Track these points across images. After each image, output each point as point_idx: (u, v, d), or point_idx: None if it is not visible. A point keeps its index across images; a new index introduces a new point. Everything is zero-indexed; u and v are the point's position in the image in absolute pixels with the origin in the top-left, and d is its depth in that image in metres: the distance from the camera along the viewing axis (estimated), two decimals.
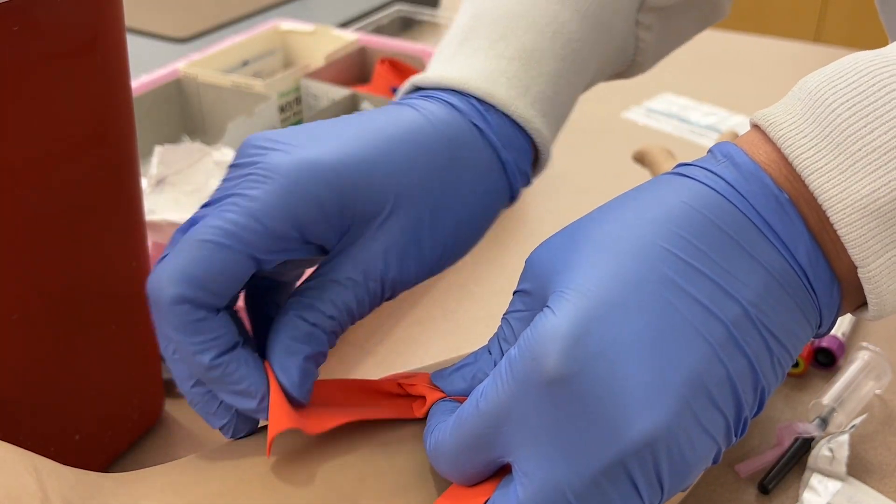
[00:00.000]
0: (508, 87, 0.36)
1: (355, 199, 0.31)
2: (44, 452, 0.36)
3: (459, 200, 0.34)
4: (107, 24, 0.37)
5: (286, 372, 0.32)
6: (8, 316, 0.37)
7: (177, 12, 1.11)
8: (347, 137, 0.32)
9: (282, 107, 0.75)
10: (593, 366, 0.26)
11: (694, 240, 0.28)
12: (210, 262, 0.30)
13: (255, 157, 0.31)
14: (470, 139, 0.35)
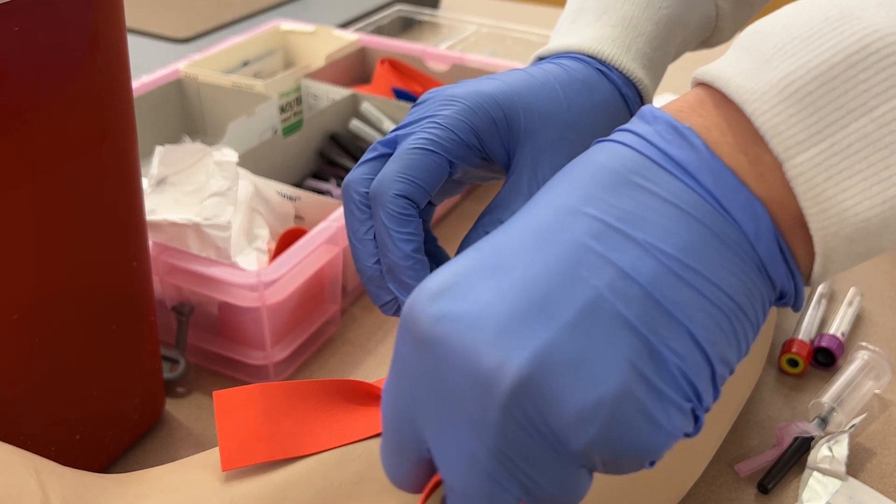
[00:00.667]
0: (614, 47, 0.42)
1: (518, 117, 0.39)
2: (44, 453, 0.37)
3: (596, 127, 0.40)
4: (107, 24, 0.37)
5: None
6: (8, 316, 0.37)
7: (177, 13, 1.11)
8: (503, 79, 0.40)
9: (282, 107, 0.75)
10: (453, 320, 0.25)
11: (586, 189, 0.27)
12: (422, 165, 0.37)
13: (434, 94, 0.39)
14: (597, 80, 0.41)
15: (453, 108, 0.38)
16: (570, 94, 0.40)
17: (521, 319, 0.25)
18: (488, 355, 0.24)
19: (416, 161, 0.37)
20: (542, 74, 0.40)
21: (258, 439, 0.34)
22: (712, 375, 0.26)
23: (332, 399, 0.36)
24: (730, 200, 0.26)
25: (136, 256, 0.43)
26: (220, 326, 0.53)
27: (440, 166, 0.37)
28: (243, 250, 0.56)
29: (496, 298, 0.25)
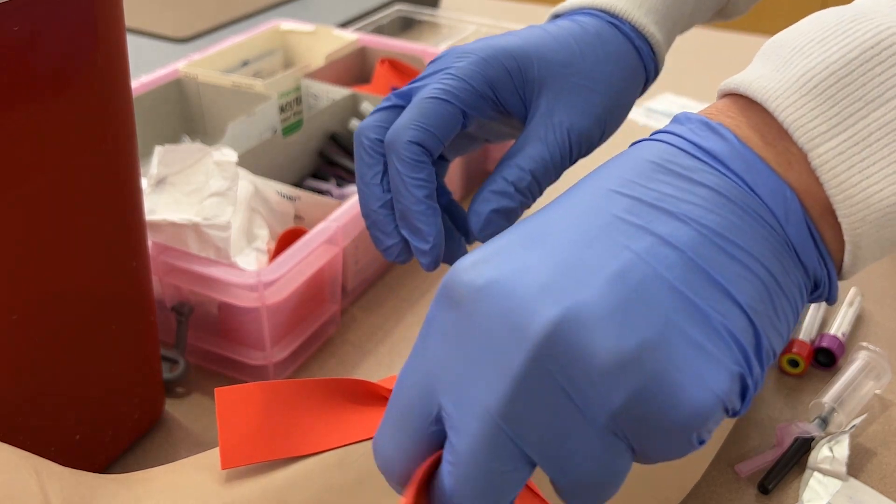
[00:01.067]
0: (625, 2, 0.43)
1: (532, 67, 0.40)
2: (44, 453, 0.37)
3: (611, 76, 0.42)
4: (107, 24, 0.37)
5: (476, 215, 0.39)
6: (8, 316, 0.37)
7: (177, 12, 1.11)
8: (518, 34, 0.41)
9: (282, 107, 0.75)
10: (494, 278, 0.25)
11: (626, 176, 0.28)
12: (436, 113, 0.38)
13: (450, 50, 0.41)
14: (610, 32, 0.42)
15: (467, 60, 0.40)
16: (584, 45, 0.41)
17: (561, 275, 0.25)
18: (524, 304, 0.24)
19: (430, 109, 0.38)
20: (556, 29, 0.42)
21: (259, 438, 0.34)
22: (757, 345, 0.26)
23: (333, 398, 0.36)
24: (760, 185, 0.27)
25: (136, 256, 0.43)
26: (220, 326, 0.53)
27: (454, 115, 0.39)
28: (243, 250, 0.56)
29: (537, 262, 0.26)
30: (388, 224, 0.40)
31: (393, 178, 0.39)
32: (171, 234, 0.53)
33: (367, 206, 0.40)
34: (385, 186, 0.40)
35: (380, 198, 0.40)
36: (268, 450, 0.34)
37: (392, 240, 0.40)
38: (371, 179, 0.40)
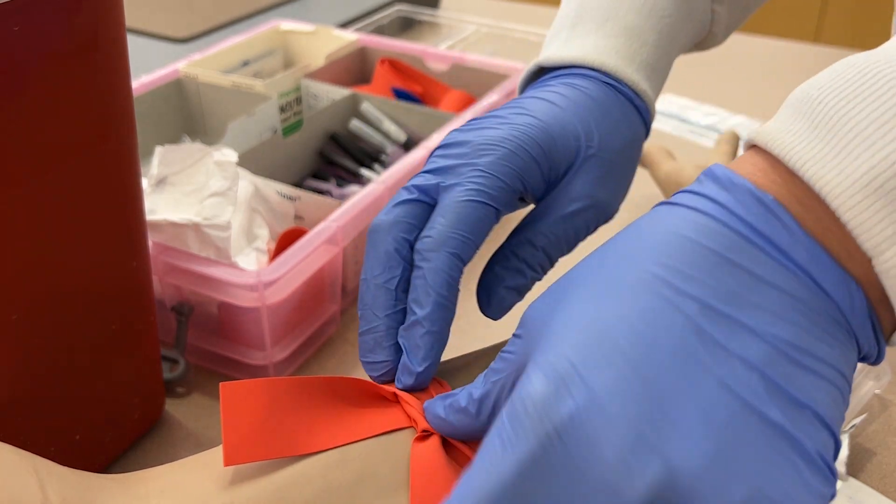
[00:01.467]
0: (617, 59, 0.42)
1: (558, 150, 0.39)
2: (44, 453, 0.37)
3: (623, 144, 0.41)
4: (107, 24, 0.37)
5: (488, 292, 0.39)
6: (8, 316, 0.37)
7: (177, 12, 1.11)
8: (534, 113, 0.39)
9: (282, 107, 0.75)
10: (576, 424, 0.24)
11: (681, 266, 0.26)
12: (475, 219, 0.36)
13: (468, 139, 0.39)
14: (614, 99, 0.42)
15: (496, 154, 0.37)
16: (597, 116, 0.40)
17: (649, 417, 0.24)
18: (618, 460, 0.23)
19: (469, 215, 0.36)
20: (564, 101, 0.40)
21: (262, 435, 0.34)
22: (835, 454, 0.26)
23: (336, 396, 0.36)
24: (825, 279, 0.26)
25: (136, 256, 0.43)
26: (220, 326, 0.53)
27: (490, 218, 0.37)
28: (243, 250, 0.56)
29: (616, 391, 0.24)
30: (388, 338, 0.36)
31: (420, 289, 0.35)
32: (171, 234, 0.53)
33: (372, 310, 0.36)
34: (399, 295, 0.36)
35: (390, 307, 0.36)
36: (271, 447, 0.34)
37: (385, 356, 0.36)
38: (385, 283, 0.36)
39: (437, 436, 0.34)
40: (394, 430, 0.35)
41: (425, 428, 0.34)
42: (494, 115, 0.40)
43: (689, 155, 0.74)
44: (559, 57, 0.43)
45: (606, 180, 0.40)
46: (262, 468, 0.34)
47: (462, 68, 0.80)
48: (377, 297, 0.36)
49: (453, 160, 0.38)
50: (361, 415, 0.36)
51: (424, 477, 0.33)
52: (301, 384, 0.36)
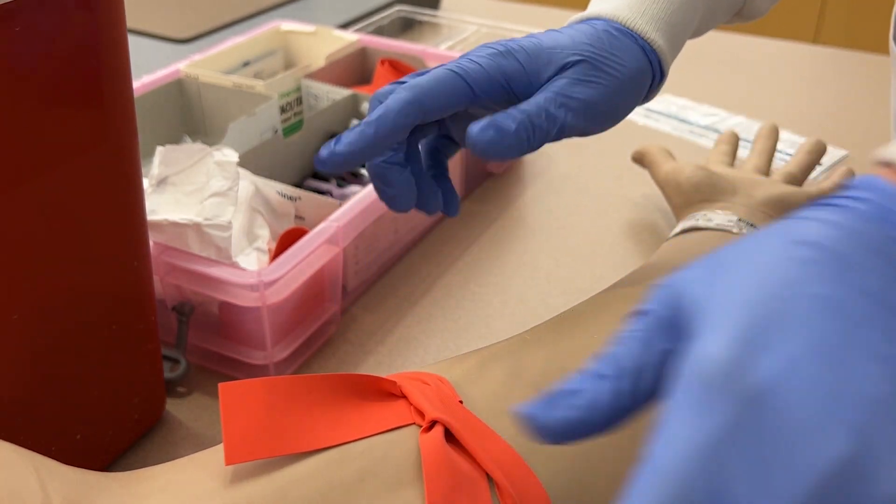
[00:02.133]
0: (630, 11, 0.45)
1: (543, 56, 0.42)
2: (45, 452, 0.37)
3: (619, 67, 0.43)
4: (108, 24, 0.37)
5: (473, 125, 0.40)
6: (9, 316, 0.37)
7: (178, 13, 1.11)
8: (534, 35, 0.44)
9: (282, 107, 0.75)
10: (770, 399, 0.24)
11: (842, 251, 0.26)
12: (446, 82, 0.41)
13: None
14: (619, 36, 0.44)
15: (485, 52, 0.42)
16: (594, 40, 0.44)
17: (835, 388, 0.24)
18: (816, 428, 0.23)
19: (443, 78, 0.41)
20: (568, 29, 0.44)
21: (262, 434, 0.34)
22: None
23: (338, 394, 0.36)
24: None
25: (137, 256, 0.43)
26: (221, 326, 0.53)
27: (463, 90, 0.41)
28: (244, 250, 0.56)
29: (815, 361, 0.24)
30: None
31: (373, 106, 0.41)
32: (172, 234, 0.53)
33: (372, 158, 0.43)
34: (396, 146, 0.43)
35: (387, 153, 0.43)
36: (272, 446, 0.34)
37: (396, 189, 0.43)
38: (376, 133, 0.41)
39: (441, 427, 0.34)
40: (395, 428, 0.35)
41: (432, 419, 0.34)
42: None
43: (689, 155, 0.74)
44: (581, 15, 0.47)
45: (589, 86, 0.42)
46: (262, 467, 0.34)
47: None
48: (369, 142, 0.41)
49: None
50: (362, 413, 0.36)
51: (437, 467, 0.33)
52: (301, 383, 0.36)
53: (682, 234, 0.55)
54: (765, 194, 0.60)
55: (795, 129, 0.87)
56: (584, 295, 0.47)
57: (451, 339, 0.58)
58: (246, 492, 0.34)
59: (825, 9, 2.07)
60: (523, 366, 0.39)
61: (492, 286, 0.63)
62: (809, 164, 0.70)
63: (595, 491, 0.37)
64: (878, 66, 1.03)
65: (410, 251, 0.67)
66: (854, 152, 0.82)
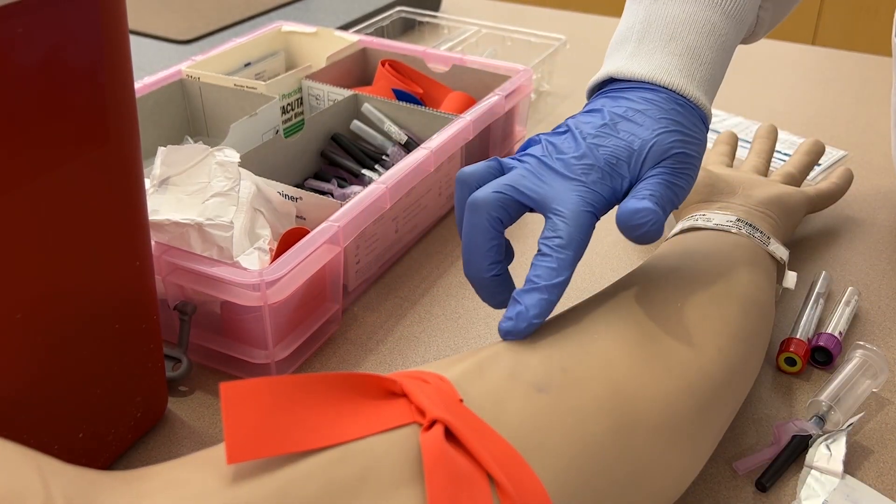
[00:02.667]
0: (681, 77, 0.48)
1: (638, 161, 0.46)
2: (47, 450, 0.37)
3: (697, 148, 0.47)
4: (110, 26, 0.37)
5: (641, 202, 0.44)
6: (12, 315, 0.37)
7: (180, 14, 1.11)
8: (622, 130, 0.46)
9: (284, 108, 0.76)
10: None
11: None
12: (588, 226, 0.45)
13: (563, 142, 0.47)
14: (680, 105, 0.47)
15: (596, 175, 0.45)
16: (675, 124, 0.46)
17: None
18: None
19: (585, 223, 0.44)
20: (642, 118, 0.46)
21: (264, 433, 0.34)
22: None
23: (339, 393, 0.36)
24: None
25: (139, 256, 0.43)
26: (223, 325, 0.54)
27: (594, 223, 0.45)
28: (245, 250, 0.56)
29: None
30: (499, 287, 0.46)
31: (544, 270, 0.43)
32: (174, 234, 0.53)
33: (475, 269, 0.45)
34: (494, 257, 0.46)
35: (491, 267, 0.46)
36: (273, 445, 0.34)
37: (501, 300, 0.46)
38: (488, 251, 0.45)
39: (441, 426, 0.34)
40: (396, 427, 0.35)
41: (433, 418, 0.34)
42: (603, 132, 0.46)
43: None
44: (630, 72, 0.49)
45: (684, 176, 0.46)
46: (264, 465, 0.34)
47: (462, 70, 0.80)
48: (479, 259, 0.45)
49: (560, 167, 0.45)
50: (363, 411, 0.36)
51: (438, 466, 0.33)
52: (302, 382, 0.37)
53: (681, 234, 0.56)
54: (763, 194, 0.60)
55: (794, 129, 0.87)
56: (584, 295, 0.47)
57: (451, 339, 0.58)
58: (247, 490, 0.34)
59: (823, 10, 2.07)
60: (523, 365, 0.39)
61: None
62: (808, 164, 0.70)
63: (595, 491, 0.37)
64: (877, 66, 1.03)
65: (411, 251, 0.67)
66: (852, 152, 0.82)
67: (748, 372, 0.47)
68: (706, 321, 0.45)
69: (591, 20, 1.19)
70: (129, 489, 0.35)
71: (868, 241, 0.69)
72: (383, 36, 1.00)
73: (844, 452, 0.46)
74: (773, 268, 0.54)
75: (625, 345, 0.42)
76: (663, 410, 0.40)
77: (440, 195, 0.70)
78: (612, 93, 0.49)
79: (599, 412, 0.38)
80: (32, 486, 0.32)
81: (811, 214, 0.69)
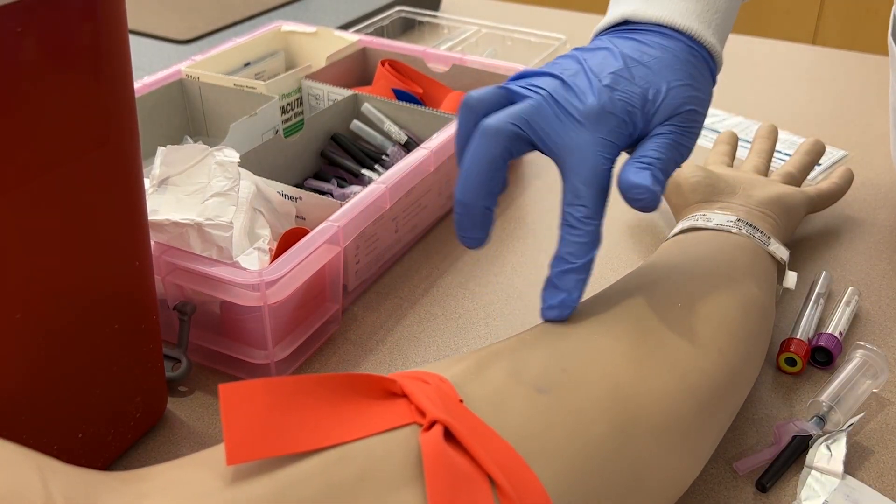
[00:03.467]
0: (698, 22, 0.47)
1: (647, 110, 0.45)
2: (47, 451, 0.37)
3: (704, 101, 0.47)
4: (110, 25, 0.37)
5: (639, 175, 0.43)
6: (11, 315, 0.37)
7: (179, 14, 1.11)
8: (637, 77, 0.45)
9: (283, 108, 0.76)
10: None
11: None
12: (607, 185, 0.44)
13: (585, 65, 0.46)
14: (694, 59, 0.47)
15: (614, 123, 0.44)
16: (686, 76, 0.46)
17: None
18: None
19: (606, 184, 0.44)
20: (657, 65, 0.46)
21: (263, 434, 0.34)
22: None
23: (338, 393, 0.36)
24: None
25: (139, 256, 0.43)
26: (222, 325, 0.53)
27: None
28: (245, 250, 0.56)
29: None
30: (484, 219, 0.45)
31: (576, 246, 0.43)
32: (173, 234, 0.53)
33: (473, 195, 0.44)
34: (493, 189, 0.44)
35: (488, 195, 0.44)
36: (272, 446, 0.34)
37: (482, 234, 0.45)
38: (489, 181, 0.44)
39: (440, 427, 0.34)
40: (396, 428, 0.35)
41: (433, 419, 0.34)
42: (618, 75, 0.45)
43: None
44: (646, 14, 0.48)
45: (692, 134, 0.46)
46: (263, 466, 0.34)
47: (462, 69, 0.80)
48: (480, 187, 0.44)
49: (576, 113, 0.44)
50: (363, 412, 0.36)
51: (438, 467, 0.33)
52: (301, 383, 0.37)
53: (681, 234, 0.56)
54: (763, 194, 0.60)
55: (794, 129, 0.87)
56: (584, 295, 0.47)
57: (451, 339, 0.58)
58: (247, 490, 0.34)
59: (823, 10, 2.07)
60: (523, 366, 0.39)
61: (492, 286, 0.63)
62: (808, 164, 0.70)
63: (595, 492, 0.37)
64: (877, 66, 1.03)
65: (410, 251, 0.67)
66: (853, 152, 0.82)
67: (749, 372, 0.47)
68: (707, 322, 0.45)
69: (591, 20, 1.19)
70: (129, 489, 0.35)
71: (868, 241, 0.69)
72: (383, 36, 1.00)
73: (845, 453, 0.46)
74: (773, 268, 0.54)
75: (625, 345, 0.42)
76: (664, 411, 0.40)
77: (440, 195, 0.70)
78: (623, 33, 0.48)
79: (600, 413, 0.38)
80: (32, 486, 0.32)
81: (811, 214, 0.69)
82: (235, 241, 0.55)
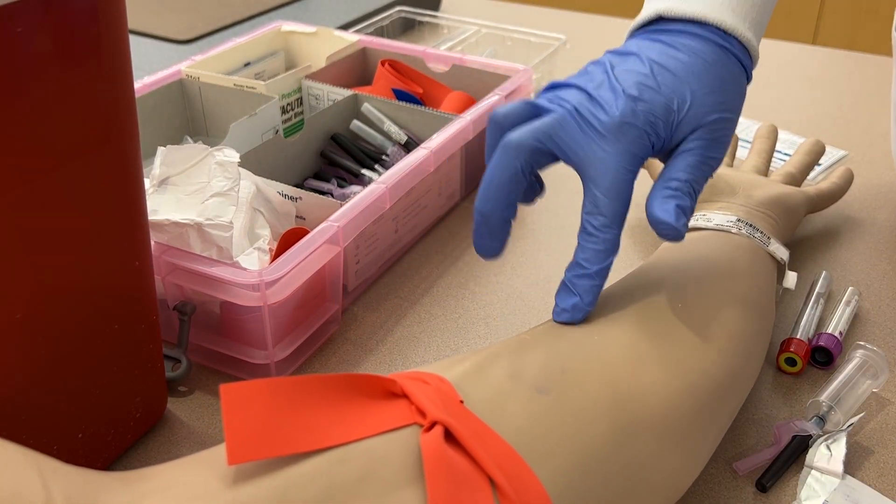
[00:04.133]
0: (734, 18, 0.47)
1: (670, 123, 0.45)
2: (47, 451, 0.37)
3: (737, 105, 0.48)
4: (110, 25, 0.37)
5: (665, 210, 0.44)
6: (11, 315, 0.37)
7: (179, 14, 1.11)
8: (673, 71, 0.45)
9: (283, 108, 0.76)
10: None
11: None
12: (628, 193, 0.45)
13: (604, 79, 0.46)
14: (726, 59, 0.47)
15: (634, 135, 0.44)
16: (724, 78, 0.47)
17: None
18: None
19: (626, 193, 0.45)
20: (684, 70, 0.45)
21: (264, 434, 0.34)
22: None
23: (339, 394, 0.36)
24: None
25: (139, 256, 0.43)
26: (222, 325, 0.53)
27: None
28: (245, 250, 0.56)
29: None
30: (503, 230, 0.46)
31: (591, 252, 0.45)
32: (173, 234, 0.53)
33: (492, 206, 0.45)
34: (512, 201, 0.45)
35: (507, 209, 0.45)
36: (273, 446, 0.34)
37: (500, 244, 0.46)
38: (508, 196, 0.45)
39: (441, 428, 0.34)
40: (396, 429, 0.35)
41: (433, 420, 0.34)
42: (642, 84, 0.45)
43: None
44: (681, 10, 0.47)
45: (720, 144, 0.47)
46: (264, 466, 0.34)
47: (462, 69, 0.80)
48: (498, 199, 0.45)
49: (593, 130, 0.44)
50: (363, 412, 0.36)
51: (438, 468, 0.33)
52: (302, 383, 0.37)
53: None
54: (763, 194, 0.60)
55: (794, 129, 0.87)
56: None
57: (451, 339, 0.58)
58: (248, 491, 0.34)
59: (823, 10, 2.07)
60: (523, 366, 0.39)
61: (492, 286, 0.63)
62: (808, 164, 0.70)
63: (595, 492, 0.37)
64: (877, 66, 1.03)
65: (410, 251, 0.67)
66: (853, 152, 0.82)
67: (749, 372, 0.47)
68: (707, 322, 0.45)
69: (591, 20, 1.19)
70: (129, 489, 0.35)
71: (868, 241, 0.69)
72: (383, 36, 1.00)
73: (845, 453, 0.46)
74: (773, 268, 0.54)
75: (625, 345, 0.42)
76: (664, 411, 0.40)
77: (440, 195, 0.70)
78: (652, 34, 0.48)
79: (600, 413, 0.38)
80: (32, 486, 0.32)
81: (811, 214, 0.69)
82: (235, 241, 0.55)
